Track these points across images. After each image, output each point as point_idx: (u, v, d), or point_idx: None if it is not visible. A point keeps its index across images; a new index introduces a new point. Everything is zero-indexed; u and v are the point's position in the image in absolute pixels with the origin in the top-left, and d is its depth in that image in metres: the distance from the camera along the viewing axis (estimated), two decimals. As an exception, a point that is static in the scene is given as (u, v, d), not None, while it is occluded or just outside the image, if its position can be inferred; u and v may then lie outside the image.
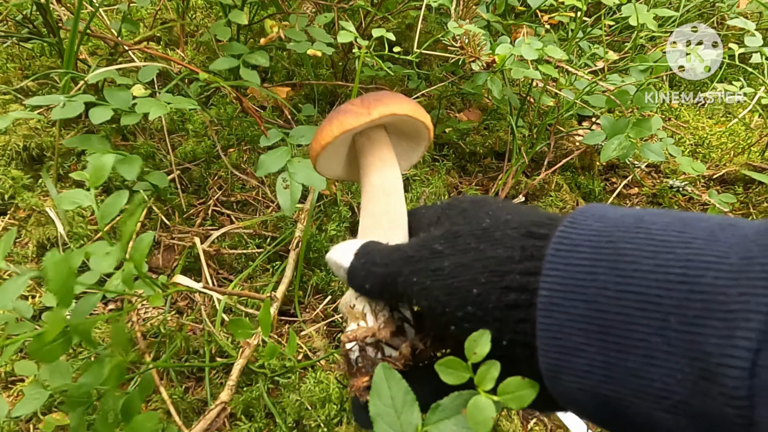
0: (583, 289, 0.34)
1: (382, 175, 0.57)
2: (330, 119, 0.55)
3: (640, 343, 0.32)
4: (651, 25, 1.18)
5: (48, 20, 1.27)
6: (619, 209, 0.39)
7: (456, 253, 0.43)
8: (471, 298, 0.40)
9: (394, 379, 0.49)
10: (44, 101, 0.96)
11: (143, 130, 1.43)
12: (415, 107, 0.58)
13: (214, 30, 1.16)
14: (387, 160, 0.58)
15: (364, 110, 0.54)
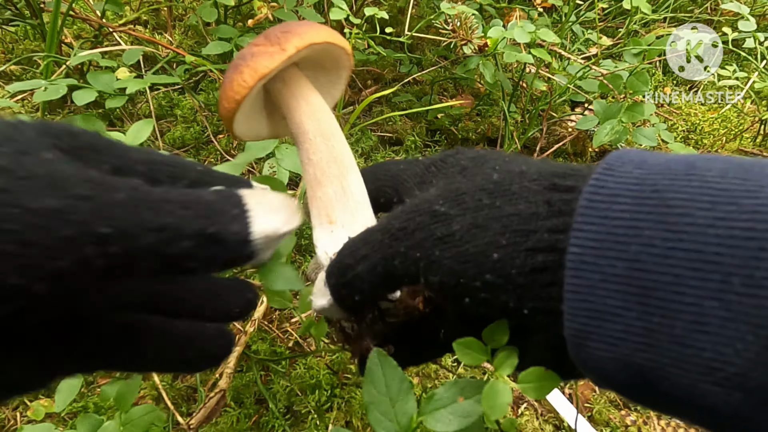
0: (623, 246, 0.30)
1: (313, 118, 0.49)
2: (237, 67, 0.46)
3: (690, 308, 0.28)
4: (645, 9, 1.17)
5: (30, 2, 1.24)
6: (662, 154, 0.33)
7: (465, 212, 0.37)
8: (490, 264, 0.35)
9: (389, 365, 0.48)
10: (26, 86, 0.94)
11: (131, 116, 1.40)
12: (332, 32, 0.50)
13: (201, 12, 1.14)
14: (313, 100, 0.50)
15: (276, 47, 0.46)
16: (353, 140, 1.40)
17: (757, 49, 1.27)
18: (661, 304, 0.29)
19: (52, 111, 1.37)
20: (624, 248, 0.30)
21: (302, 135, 0.49)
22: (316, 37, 0.47)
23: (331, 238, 0.47)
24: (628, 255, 0.30)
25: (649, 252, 0.29)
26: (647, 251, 0.29)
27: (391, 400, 0.46)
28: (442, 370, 0.99)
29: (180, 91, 1.49)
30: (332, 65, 0.56)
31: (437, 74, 1.55)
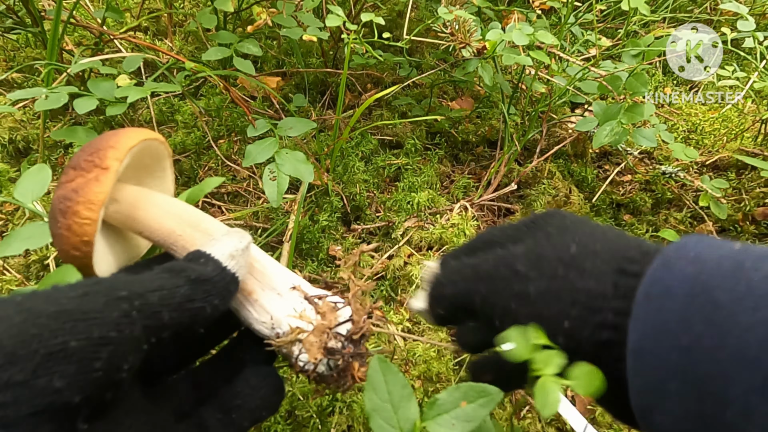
0: (676, 338, 0.33)
1: (169, 216, 0.47)
2: (65, 212, 0.42)
3: (738, 400, 0.30)
4: (643, 10, 1.16)
5: (31, 10, 1.25)
6: (717, 247, 0.36)
7: (541, 277, 0.42)
8: (561, 329, 0.39)
9: (391, 372, 0.48)
10: (27, 94, 0.95)
11: (132, 122, 1.41)
12: (140, 129, 0.49)
13: (200, 18, 1.14)
14: (157, 200, 0.48)
15: (96, 170, 0.43)
16: (353, 144, 1.40)
17: (757, 49, 1.27)
18: (713, 394, 0.31)
19: (53, 118, 1.37)
20: (677, 340, 0.33)
21: (169, 236, 0.47)
22: (131, 141, 0.46)
23: (269, 301, 0.48)
24: (681, 346, 0.33)
25: (700, 346, 0.32)
26: (698, 345, 0.32)
27: (394, 407, 0.46)
28: (443, 373, 0.99)
29: (180, 97, 1.50)
30: (153, 160, 0.54)
31: (437, 77, 1.55)
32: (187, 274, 0.39)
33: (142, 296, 0.35)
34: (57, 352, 0.30)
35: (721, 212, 1.15)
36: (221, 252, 0.42)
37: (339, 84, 1.52)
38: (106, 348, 0.32)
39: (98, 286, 0.34)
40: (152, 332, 0.36)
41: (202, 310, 0.39)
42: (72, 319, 0.31)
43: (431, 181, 1.36)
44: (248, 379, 0.44)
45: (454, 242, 1.18)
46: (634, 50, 1.15)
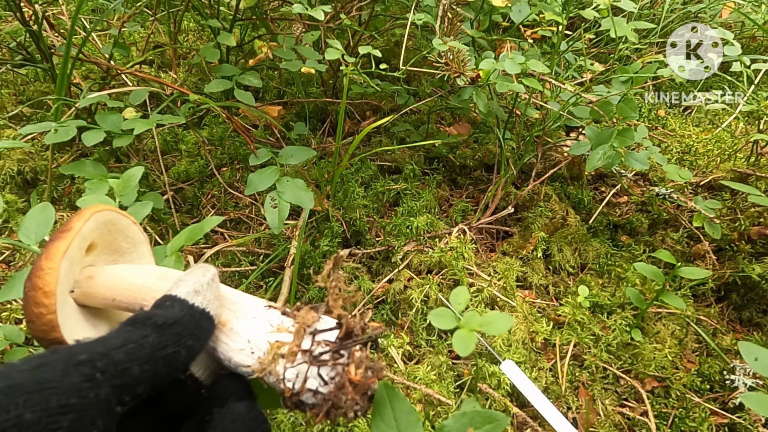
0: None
1: (126, 271, 0.48)
2: (30, 274, 0.43)
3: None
4: (632, 38, 1.20)
5: (41, 46, 1.30)
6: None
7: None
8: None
9: (397, 398, 0.48)
10: (37, 129, 0.98)
11: (137, 152, 1.44)
12: (110, 205, 0.50)
13: (204, 53, 1.19)
14: (122, 266, 0.50)
15: (61, 233, 0.45)
16: (353, 170, 1.43)
17: (744, 73, 1.31)
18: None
19: (60, 149, 1.41)
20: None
21: (140, 291, 0.46)
22: (95, 208, 0.48)
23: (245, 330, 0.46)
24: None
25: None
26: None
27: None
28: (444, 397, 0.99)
29: (184, 127, 1.54)
30: (127, 242, 0.54)
31: (433, 104, 1.59)
32: (153, 321, 0.37)
33: (106, 355, 0.34)
34: (10, 427, 0.28)
35: (714, 232, 1.17)
36: (185, 290, 0.41)
37: (338, 112, 1.56)
38: (66, 416, 0.30)
39: (54, 355, 0.33)
40: (124, 391, 0.34)
41: (177, 355, 0.37)
42: (25, 392, 0.29)
43: (430, 205, 1.39)
44: (221, 423, 0.40)
45: (453, 265, 1.19)
46: (624, 76, 1.18)
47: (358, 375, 0.42)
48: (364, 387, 0.42)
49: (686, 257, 1.32)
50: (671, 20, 2.01)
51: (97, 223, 0.49)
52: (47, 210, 0.67)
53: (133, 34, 1.83)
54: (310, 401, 0.42)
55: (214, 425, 0.40)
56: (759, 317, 1.19)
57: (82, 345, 0.34)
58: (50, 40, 1.50)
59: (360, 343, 0.44)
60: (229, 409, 0.41)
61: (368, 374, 0.43)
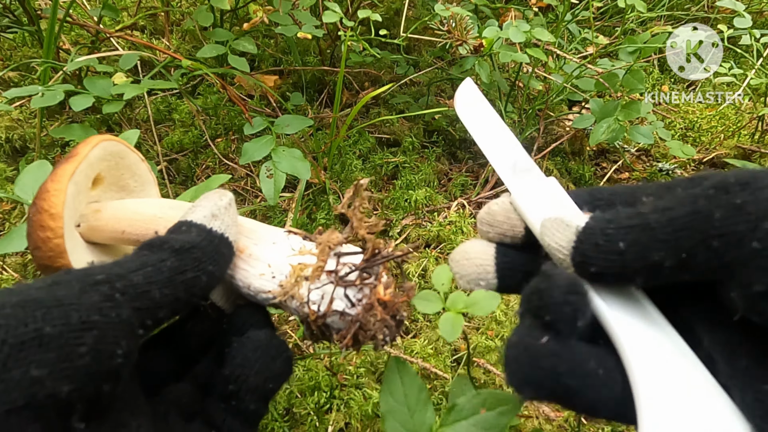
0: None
1: (136, 203, 0.46)
2: (36, 198, 0.41)
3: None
4: (640, 7, 1.17)
5: (27, 9, 1.24)
6: None
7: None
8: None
9: (408, 374, 0.46)
10: (23, 92, 0.95)
11: (129, 121, 1.41)
12: (110, 136, 0.47)
13: (196, 16, 1.14)
14: (130, 200, 0.47)
15: (67, 158, 0.43)
16: (350, 142, 1.40)
17: (753, 46, 1.27)
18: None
19: (50, 117, 1.37)
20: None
21: (152, 222, 0.44)
22: (103, 137, 0.45)
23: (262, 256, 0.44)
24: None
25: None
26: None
27: (410, 410, 0.45)
28: (440, 371, 0.99)
29: (178, 96, 1.50)
30: (135, 180, 0.51)
31: (434, 75, 1.55)
32: (170, 245, 0.35)
33: (124, 277, 0.32)
34: (30, 340, 0.26)
35: (718, 209, 1.16)
36: (202, 214, 0.39)
37: (336, 82, 1.52)
38: (89, 333, 0.28)
39: (68, 275, 0.31)
40: (145, 314, 0.32)
41: (197, 280, 0.35)
42: (43, 306, 0.28)
43: (429, 179, 1.36)
44: (241, 352, 0.39)
45: (452, 240, 1.18)
46: (631, 47, 1.15)
47: (387, 294, 0.40)
48: (394, 308, 0.40)
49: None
50: (679, -8, 1.96)
51: (105, 152, 0.46)
52: (44, 167, 0.65)
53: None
54: (336, 324, 0.40)
55: (234, 354, 0.38)
56: (757, 295, 1.19)
57: (97, 266, 0.32)
58: (37, 2, 1.45)
59: (389, 260, 0.41)
60: (249, 338, 0.39)
61: (398, 294, 0.41)
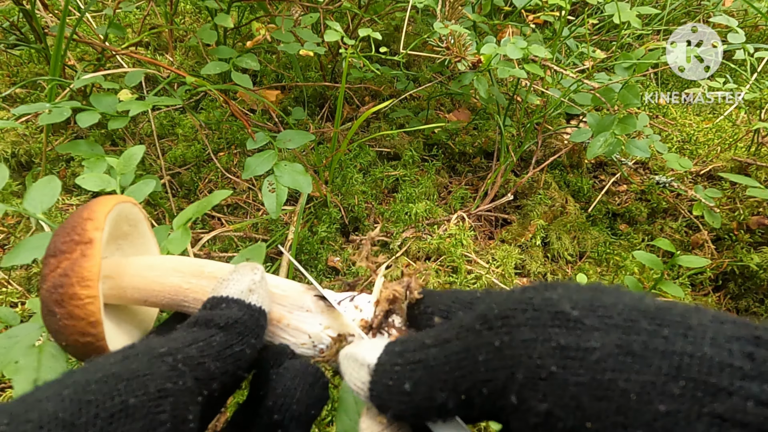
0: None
1: (172, 273, 0.46)
2: (61, 299, 0.39)
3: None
4: (635, 23, 1.19)
5: (34, 26, 1.27)
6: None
7: (609, 329, 0.27)
8: (649, 414, 0.25)
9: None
10: (31, 109, 0.97)
11: (133, 135, 1.43)
12: (111, 196, 0.47)
13: (201, 34, 1.17)
14: (151, 262, 0.47)
15: (79, 245, 0.40)
16: (351, 155, 1.42)
17: (748, 61, 1.29)
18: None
19: (55, 132, 1.39)
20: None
21: (177, 293, 0.45)
22: (105, 207, 0.44)
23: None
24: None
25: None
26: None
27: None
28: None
29: (181, 111, 1.52)
30: (131, 226, 0.52)
31: (433, 90, 1.57)
32: (216, 322, 0.38)
33: (182, 350, 0.35)
34: (118, 412, 0.29)
35: (714, 221, 1.17)
36: (239, 290, 0.41)
37: (337, 97, 1.54)
38: (167, 400, 0.31)
39: (135, 349, 0.34)
40: (203, 385, 0.35)
41: (243, 354, 0.38)
42: (123, 379, 0.30)
43: (429, 192, 1.38)
44: (281, 382, 0.39)
45: (452, 252, 1.19)
46: (627, 63, 1.17)
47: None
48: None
49: (685, 246, 1.32)
50: (674, 7, 1.99)
51: (111, 226, 0.46)
52: (53, 182, 0.66)
53: (129, 15, 1.80)
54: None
55: (275, 385, 0.39)
56: (756, 306, 1.19)
57: (155, 341, 0.35)
58: (44, 20, 1.48)
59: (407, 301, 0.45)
60: (287, 368, 0.41)
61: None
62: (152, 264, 0.46)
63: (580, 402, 0.26)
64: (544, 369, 0.27)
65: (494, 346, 0.29)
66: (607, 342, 0.27)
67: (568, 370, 0.27)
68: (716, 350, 0.25)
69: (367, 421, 0.35)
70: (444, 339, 0.32)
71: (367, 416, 0.35)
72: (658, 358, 0.26)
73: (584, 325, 0.27)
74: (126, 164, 0.74)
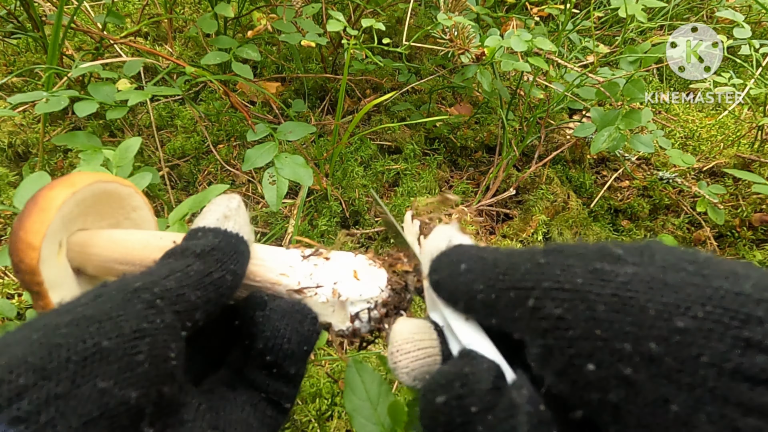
0: None
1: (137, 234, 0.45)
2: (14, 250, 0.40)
3: None
4: (640, 17, 1.18)
5: (32, 15, 1.25)
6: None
7: (648, 264, 0.27)
8: (666, 330, 0.24)
9: (366, 371, 0.49)
10: (27, 98, 0.95)
11: (131, 126, 1.41)
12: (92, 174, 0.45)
13: (201, 23, 1.15)
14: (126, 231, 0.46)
15: (36, 210, 0.41)
16: (352, 149, 1.41)
17: (753, 56, 1.28)
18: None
19: (53, 122, 1.38)
20: None
21: (155, 251, 0.43)
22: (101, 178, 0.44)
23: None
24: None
25: None
26: None
27: (372, 404, 0.47)
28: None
29: (180, 102, 1.50)
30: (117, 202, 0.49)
31: (435, 83, 1.56)
32: (191, 251, 0.37)
33: (158, 283, 0.33)
34: (91, 355, 0.28)
35: (718, 217, 1.16)
36: (214, 218, 0.40)
37: (338, 89, 1.53)
38: (143, 341, 0.30)
39: (108, 288, 0.32)
40: (184, 317, 0.33)
41: (223, 280, 0.36)
42: (95, 321, 0.29)
43: (430, 186, 1.37)
44: (268, 324, 0.39)
45: (453, 247, 1.18)
46: (632, 57, 1.16)
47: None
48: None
49: (687, 243, 1.31)
50: (678, 2, 1.98)
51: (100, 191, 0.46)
52: (43, 178, 0.65)
53: (128, 4, 1.78)
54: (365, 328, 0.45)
55: (262, 328, 0.39)
56: (758, 304, 1.19)
57: (131, 276, 0.34)
58: (42, 8, 1.46)
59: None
60: (273, 309, 0.40)
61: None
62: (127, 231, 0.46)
63: (595, 310, 0.26)
64: (569, 282, 0.28)
65: (538, 263, 0.30)
66: (641, 272, 0.27)
67: (593, 285, 0.27)
68: (756, 290, 0.24)
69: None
70: (510, 252, 0.34)
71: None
72: (692, 288, 0.25)
73: (626, 261, 0.28)
74: (122, 156, 0.72)
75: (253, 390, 0.39)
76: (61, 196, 0.42)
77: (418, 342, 0.35)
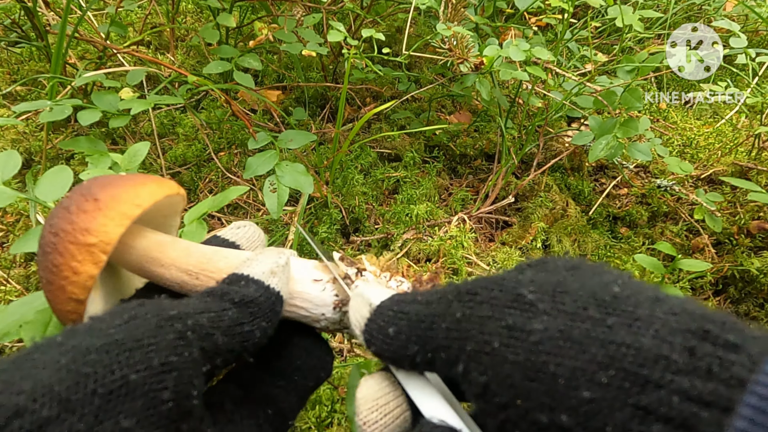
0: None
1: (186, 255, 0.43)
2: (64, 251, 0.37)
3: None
4: (637, 27, 1.19)
5: (36, 24, 1.27)
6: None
7: (558, 314, 0.28)
8: (573, 401, 0.25)
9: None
10: (31, 107, 0.96)
11: (133, 134, 1.42)
12: (162, 181, 0.44)
13: (203, 33, 1.16)
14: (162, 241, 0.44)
15: (103, 211, 0.38)
16: (352, 156, 1.42)
17: (749, 65, 1.30)
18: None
19: (55, 130, 1.39)
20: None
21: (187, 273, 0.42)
22: (171, 190, 0.43)
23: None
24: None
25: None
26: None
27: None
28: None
29: (182, 110, 1.52)
30: (170, 212, 0.50)
31: (435, 91, 1.57)
32: (230, 297, 0.36)
33: (192, 316, 0.32)
34: (117, 389, 0.27)
35: (716, 225, 1.17)
36: (260, 270, 0.39)
37: (339, 98, 1.54)
38: (170, 375, 0.29)
39: (143, 309, 0.32)
40: (207, 357, 0.33)
41: (251, 335, 0.36)
42: (126, 350, 0.28)
43: (430, 193, 1.38)
44: (300, 344, 0.41)
45: (452, 254, 1.19)
46: (629, 66, 1.17)
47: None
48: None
49: (685, 250, 1.32)
50: (675, 12, 2.00)
51: (166, 202, 0.45)
52: (64, 171, 0.66)
53: (130, 14, 1.80)
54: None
55: (284, 355, 0.40)
56: (756, 311, 1.19)
57: (167, 301, 0.34)
58: (45, 18, 1.47)
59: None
60: (302, 338, 0.42)
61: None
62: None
63: (514, 380, 0.27)
64: (489, 345, 0.29)
65: (456, 317, 0.31)
66: (551, 326, 0.28)
67: (508, 348, 0.28)
68: (655, 342, 0.25)
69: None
70: (428, 300, 0.35)
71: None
72: (596, 347, 0.26)
73: (536, 308, 0.29)
74: (131, 160, 0.73)
75: (260, 408, 0.39)
76: (156, 194, 0.41)
77: (383, 408, 0.35)
